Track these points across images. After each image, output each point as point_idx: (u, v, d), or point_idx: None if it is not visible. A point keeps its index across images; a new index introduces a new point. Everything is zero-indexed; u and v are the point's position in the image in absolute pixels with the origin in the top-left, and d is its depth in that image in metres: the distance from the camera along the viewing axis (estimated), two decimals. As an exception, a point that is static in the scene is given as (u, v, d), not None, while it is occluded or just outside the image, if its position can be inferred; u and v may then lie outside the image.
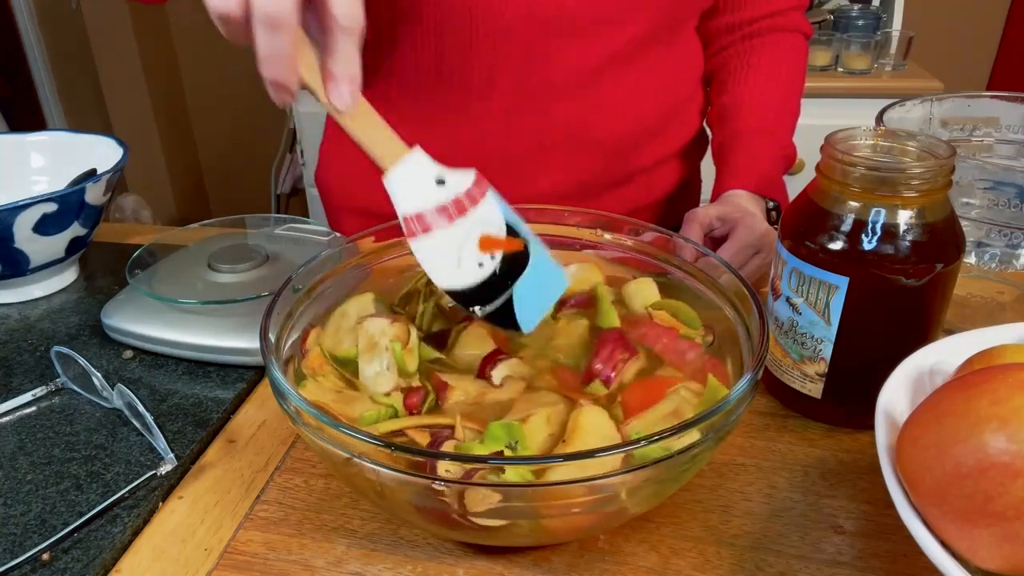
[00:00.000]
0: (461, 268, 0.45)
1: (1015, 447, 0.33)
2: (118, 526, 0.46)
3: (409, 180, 0.45)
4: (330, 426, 0.38)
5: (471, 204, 0.46)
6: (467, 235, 0.45)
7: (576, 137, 0.76)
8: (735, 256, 0.69)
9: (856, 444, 0.52)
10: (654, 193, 0.85)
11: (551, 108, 0.74)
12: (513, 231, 0.47)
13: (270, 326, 0.46)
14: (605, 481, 0.36)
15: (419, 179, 0.45)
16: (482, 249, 0.45)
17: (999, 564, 0.34)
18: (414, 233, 0.45)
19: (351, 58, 0.42)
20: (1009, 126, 0.65)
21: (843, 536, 0.45)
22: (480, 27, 0.70)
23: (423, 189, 0.45)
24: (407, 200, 0.45)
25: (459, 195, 0.45)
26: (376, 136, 0.44)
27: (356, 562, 0.44)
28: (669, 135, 0.83)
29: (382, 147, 0.45)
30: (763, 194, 0.78)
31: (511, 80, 0.73)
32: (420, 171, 0.45)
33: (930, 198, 0.46)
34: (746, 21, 0.83)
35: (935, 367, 0.45)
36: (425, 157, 0.46)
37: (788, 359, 0.52)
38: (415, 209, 0.45)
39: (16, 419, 0.56)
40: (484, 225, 0.46)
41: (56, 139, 0.81)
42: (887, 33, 1.83)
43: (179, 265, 0.68)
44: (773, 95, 0.83)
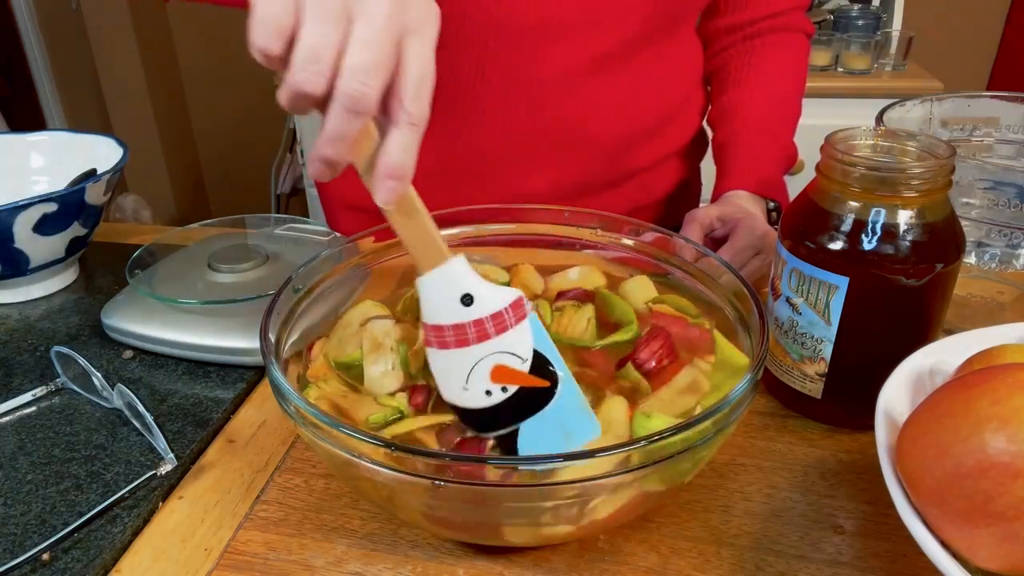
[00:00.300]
0: (468, 392, 0.43)
1: (1015, 447, 0.33)
2: (118, 526, 0.46)
3: (438, 290, 0.43)
4: (330, 426, 0.38)
5: (495, 331, 0.43)
6: (480, 361, 0.43)
7: (569, 137, 0.76)
8: (735, 257, 0.69)
9: (856, 444, 0.52)
10: (653, 193, 0.85)
11: (542, 108, 0.74)
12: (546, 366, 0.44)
13: (270, 326, 0.46)
14: (605, 481, 0.36)
15: (446, 290, 0.43)
16: (494, 379, 0.43)
17: (999, 564, 0.34)
18: (430, 343, 0.44)
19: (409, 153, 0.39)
20: (1009, 126, 0.65)
21: (843, 536, 0.45)
22: (471, 27, 0.70)
23: (447, 302, 0.43)
24: (430, 309, 0.44)
25: (483, 317, 0.43)
26: (418, 236, 0.42)
27: (356, 562, 0.44)
28: (667, 135, 0.83)
29: (422, 248, 0.43)
30: (764, 194, 0.78)
31: (502, 80, 0.73)
32: (449, 282, 0.43)
33: (930, 198, 0.46)
34: (747, 22, 0.83)
35: (935, 367, 0.45)
36: (463, 269, 0.43)
37: (788, 359, 0.52)
38: (434, 321, 0.43)
39: (16, 419, 0.56)
40: (504, 356, 0.43)
41: (56, 139, 0.81)
42: (887, 33, 1.83)
43: (179, 265, 0.68)
44: (774, 95, 0.83)
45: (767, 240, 0.69)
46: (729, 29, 0.84)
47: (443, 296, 0.43)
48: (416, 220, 0.42)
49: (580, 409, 0.44)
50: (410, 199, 0.42)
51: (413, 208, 0.42)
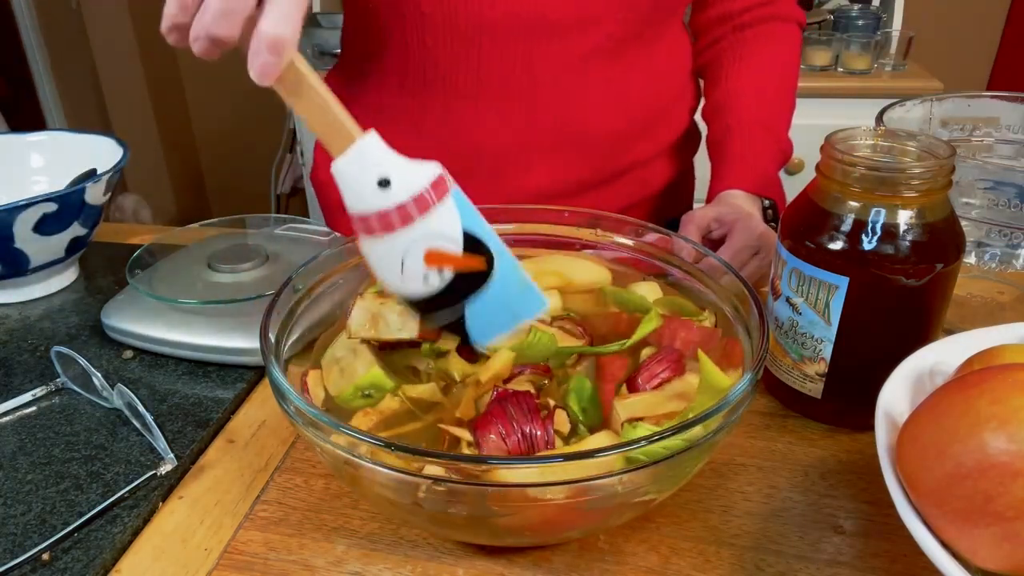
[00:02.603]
0: (405, 278, 0.42)
1: (1015, 447, 0.33)
2: (118, 526, 0.46)
3: (352, 175, 0.41)
4: (330, 426, 0.38)
5: (419, 212, 0.41)
6: (410, 246, 0.41)
7: (564, 134, 0.76)
8: (734, 257, 0.69)
9: (856, 444, 0.52)
10: (647, 189, 0.85)
11: (539, 106, 0.74)
12: (477, 243, 0.42)
13: (270, 326, 0.46)
14: (604, 481, 0.36)
15: (361, 176, 0.41)
16: (428, 263, 0.42)
17: (999, 564, 0.34)
18: (357, 233, 0.42)
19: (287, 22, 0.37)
20: (1009, 126, 0.65)
21: (843, 536, 0.45)
22: (465, 26, 0.70)
23: (365, 188, 0.41)
24: (350, 197, 0.41)
25: (405, 201, 0.41)
26: (320, 116, 0.40)
27: (356, 562, 0.44)
28: (660, 130, 0.83)
29: (327, 131, 0.40)
30: (759, 193, 0.78)
31: (496, 78, 0.73)
32: (363, 166, 0.41)
33: (930, 198, 0.46)
34: (737, 11, 0.83)
35: (935, 367, 0.45)
36: (376, 147, 0.41)
37: (788, 359, 0.52)
38: (358, 210, 0.41)
39: (16, 419, 0.56)
40: (433, 238, 0.42)
41: (56, 139, 0.81)
42: (887, 33, 1.83)
43: (179, 265, 0.68)
44: (768, 89, 0.83)
45: (765, 240, 0.69)
46: (719, 19, 0.84)
47: (360, 181, 0.41)
48: (312, 98, 0.39)
49: (522, 284, 0.43)
50: (299, 75, 0.39)
51: (305, 85, 0.39)
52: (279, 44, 0.37)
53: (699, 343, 0.49)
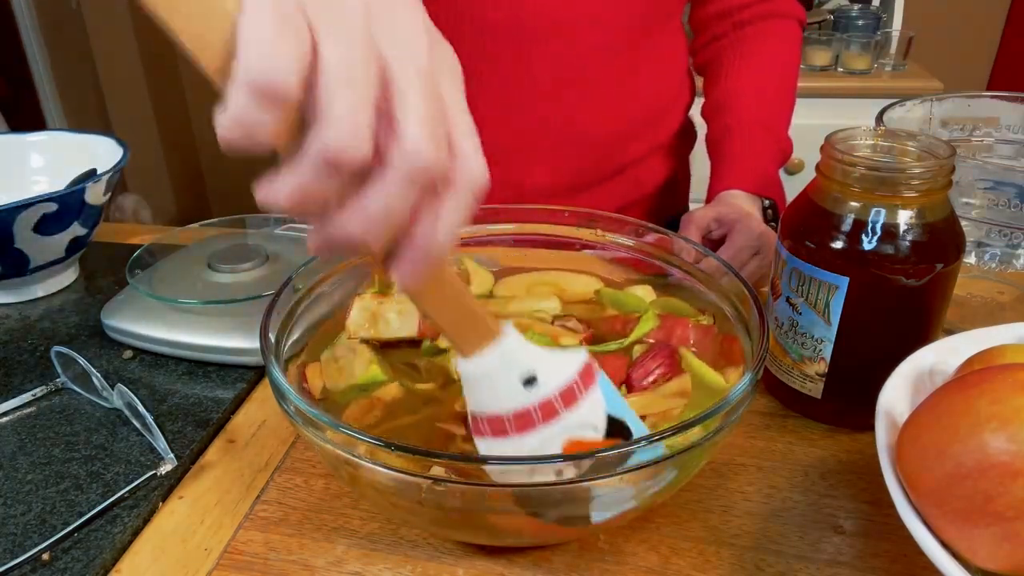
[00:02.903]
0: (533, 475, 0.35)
1: (1015, 447, 0.33)
2: (118, 526, 0.46)
3: (489, 374, 0.36)
4: (330, 426, 0.38)
5: (565, 407, 0.36)
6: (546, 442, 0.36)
7: (565, 134, 0.76)
8: (734, 257, 0.69)
9: (856, 444, 0.52)
10: (643, 188, 0.85)
11: (538, 105, 0.74)
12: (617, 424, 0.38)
13: (270, 326, 0.46)
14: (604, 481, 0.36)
15: (502, 375, 0.36)
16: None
17: (999, 564, 0.34)
18: (481, 434, 0.37)
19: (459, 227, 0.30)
20: (1009, 126, 0.65)
21: (843, 536, 0.45)
22: (466, 26, 0.70)
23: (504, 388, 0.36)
24: (482, 396, 0.36)
25: (551, 396, 0.36)
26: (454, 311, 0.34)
27: (356, 562, 0.44)
28: (657, 128, 0.83)
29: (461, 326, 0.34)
30: (759, 193, 0.78)
31: (499, 80, 0.73)
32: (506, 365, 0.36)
33: (930, 198, 0.46)
34: (737, 7, 0.83)
35: (935, 367, 0.45)
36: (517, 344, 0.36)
37: (788, 359, 0.52)
38: (488, 410, 0.36)
39: (16, 419, 0.56)
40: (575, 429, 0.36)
41: (56, 139, 0.81)
42: (887, 33, 1.83)
43: (179, 265, 0.68)
44: (768, 88, 0.83)
45: (765, 240, 0.69)
46: (719, 16, 0.84)
47: (499, 382, 0.36)
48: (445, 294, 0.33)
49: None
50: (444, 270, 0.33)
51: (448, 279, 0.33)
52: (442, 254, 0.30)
53: (694, 340, 0.50)
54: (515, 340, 0.36)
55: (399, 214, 0.28)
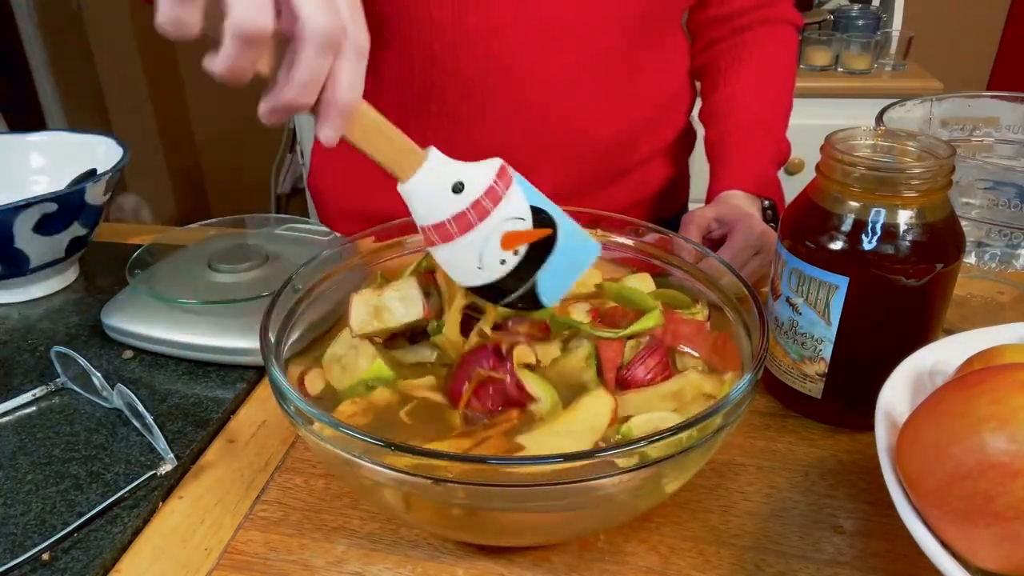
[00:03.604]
0: (483, 269, 0.44)
1: (1015, 447, 0.33)
2: (118, 526, 0.46)
3: (425, 190, 0.43)
4: (330, 426, 0.38)
5: (493, 204, 0.44)
6: (488, 237, 0.44)
7: (569, 137, 0.76)
8: (734, 257, 0.69)
9: (856, 444, 0.52)
10: (644, 190, 0.86)
11: (543, 110, 0.74)
12: (540, 213, 0.45)
13: (270, 326, 0.46)
14: (604, 481, 0.36)
15: (435, 187, 0.43)
16: (504, 247, 0.44)
17: (999, 564, 0.34)
18: (433, 243, 0.44)
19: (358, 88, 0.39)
20: (1009, 126, 0.65)
21: (843, 536, 0.45)
22: (474, 31, 0.70)
23: (440, 198, 0.43)
24: (424, 210, 0.44)
25: (479, 197, 0.44)
26: (386, 147, 0.42)
27: (356, 562, 0.44)
28: (658, 131, 0.83)
29: (394, 157, 0.42)
30: (759, 193, 0.78)
31: (504, 84, 0.73)
32: (436, 179, 0.43)
33: (930, 198, 0.46)
34: (735, 13, 0.83)
35: (935, 367, 0.45)
36: (441, 161, 0.44)
37: (788, 359, 0.52)
38: (433, 219, 0.44)
39: (16, 419, 0.56)
40: (507, 222, 0.44)
41: (56, 139, 0.81)
42: (887, 33, 1.83)
43: (179, 265, 0.68)
44: (765, 91, 0.83)
45: (765, 240, 0.69)
46: (717, 21, 0.84)
47: (434, 194, 0.43)
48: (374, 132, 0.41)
49: (578, 236, 0.46)
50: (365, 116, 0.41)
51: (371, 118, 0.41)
52: (352, 110, 0.39)
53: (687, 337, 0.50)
54: (439, 158, 0.44)
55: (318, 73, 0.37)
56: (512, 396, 0.45)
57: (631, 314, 0.52)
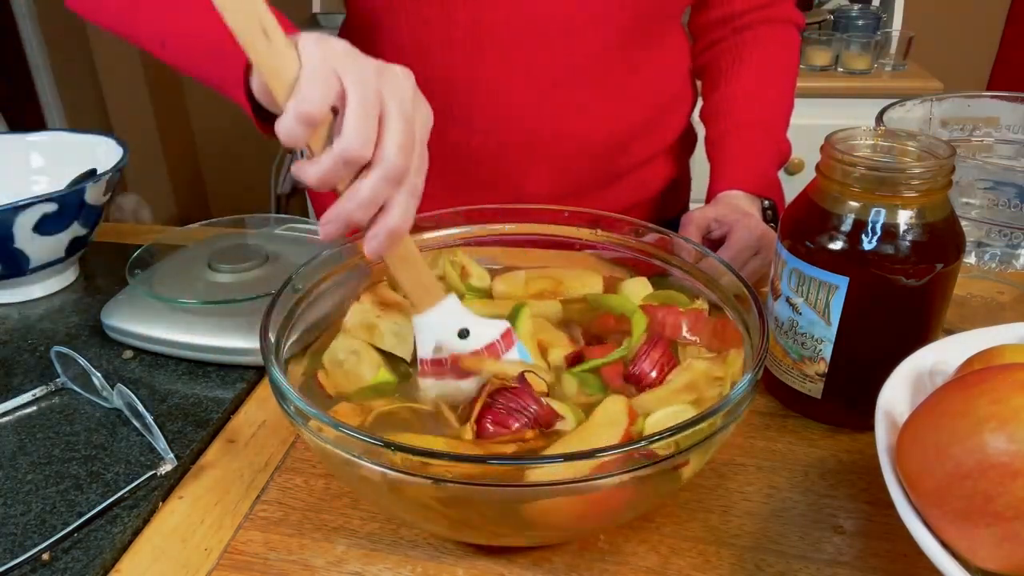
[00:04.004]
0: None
1: (1015, 447, 0.33)
2: (118, 526, 0.46)
3: (436, 326, 0.47)
4: (330, 426, 0.38)
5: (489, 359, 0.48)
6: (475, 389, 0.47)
7: (564, 138, 0.76)
8: (734, 258, 0.69)
9: (856, 444, 0.52)
10: (645, 191, 0.85)
11: (536, 109, 0.74)
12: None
13: (270, 326, 0.46)
14: (604, 481, 0.36)
15: (445, 328, 0.48)
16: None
17: (999, 564, 0.34)
18: (426, 375, 0.48)
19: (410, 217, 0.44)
20: (1009, 126, 0.65)
21: (843, 536, 0.45)
22: (464, 31, 0.70)
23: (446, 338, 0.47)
24: (427, 344, 0.48)
25: (479, 348, 0.48)
26: (415, 277, 0.47)
27: (356, 562, 0.44)
28: (658, 132, 0.83)
29: (418, 289, 0.47)
30: (759, 194, 0.78)
31: (499, 84, 0.72)
32: (448, 320, 0.48)
33: (930, 198, 0.46)
34: (737, 14, 0.83)
35: (935, 367, 0.45)
36: (457, 306, 0.48)
37: (788, 359, 0.52)
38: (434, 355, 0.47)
39: (16, 419, 0.56)
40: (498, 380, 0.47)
41: (56, 139, 0.81)
42: (887, 33, 1.83)
43: (179, 265, 0.68)
44: (767, 91, 0.83)
45: (765, 240, 0.69)
46: (719, 22, 0.84)
47: (441, 332, 0.47)
48: (413, 263, 0.46)
49: None
50: (407, 246, 0.46)
51: (409, 253, 0.46)
52: (399, 236, 0.45)
53: (688, 327, 0.50)
54: (455, 304, 0.48)
55: (380, 198, 0.43)
56: (540, 416, 0.44)
57: (611, 320, 0.53)
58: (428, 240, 0.59)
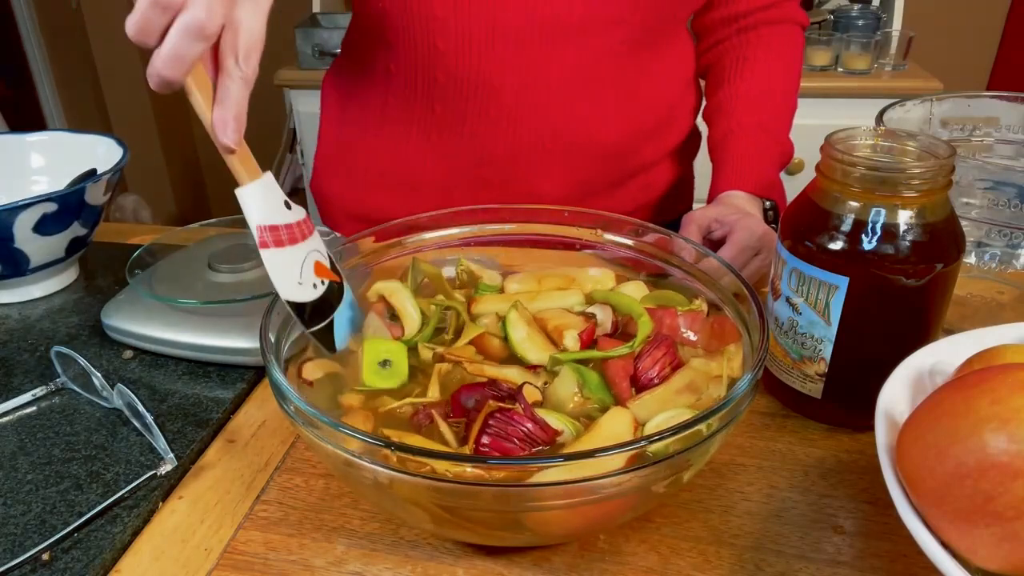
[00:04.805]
0: (302, 285, 0.49)
1: (1015, 447, 0.33)
2: (118, 526, 0.46)
3: (262, 196, 0.49)
4: (330, 426, 0.38)
5: (309, 232, 0.50)
6: (306, 257, 0.49)
7: (576, 139, 0.76)
8: (734, 258, 0.69)
9: (856, 444, 0.52)
10: (650, 193, 0.86)
11: (550, 111, 0.74)
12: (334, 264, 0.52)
13: (270, 326, 0.46)
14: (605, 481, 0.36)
15: (271, 197, 0.49)
16: (316, 273, 0.50)
17: (999, 564, 0.34)
18: (266, 244, 0.48)
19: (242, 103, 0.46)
20: (1009, 126, 0.65)
21: (843, 536, 0.45)
22: (477, 31, 0.70)
23: (274, 207, 0.49)
24: (261, 213, 0.48)
25: (300, 220, 0.50)
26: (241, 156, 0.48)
27: (356, 562, 0.44)
28: (665, 134, 0.83)
29: (245, 165, 0.48)
30: (760, 194, 0.78)
31: (511, 86, 0.73)
32: (272, 191, 0.49)
33: (930, 198, 0.46)
34: (741, 14, 0.83)
35: (935, 367, 0.45)
36: (274, 181, 0.50)
37: (788, 359, 0.52)
38: (268, 221, 0.48)
39: (16, 419, 0.56)
40: (318, 253, 0.50)
41: (56, 139, 0.81)
42: (887, 33, 1.83)
43: (179, 265, 0.68)
44: (769, 91, 0.83)
45: (766, 240, 0.69)
46: (724, 21, 0.84)
47: (270, 202, 0.49)
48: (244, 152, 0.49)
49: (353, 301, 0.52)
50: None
51: None
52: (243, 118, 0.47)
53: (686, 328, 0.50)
54: (272, 179, 0.50)
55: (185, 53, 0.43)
56: (536, 435, 0.42)
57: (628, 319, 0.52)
58: (428, 240, 0.59)
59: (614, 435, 0.42)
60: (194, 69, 0.44)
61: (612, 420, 0.43)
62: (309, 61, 1.88)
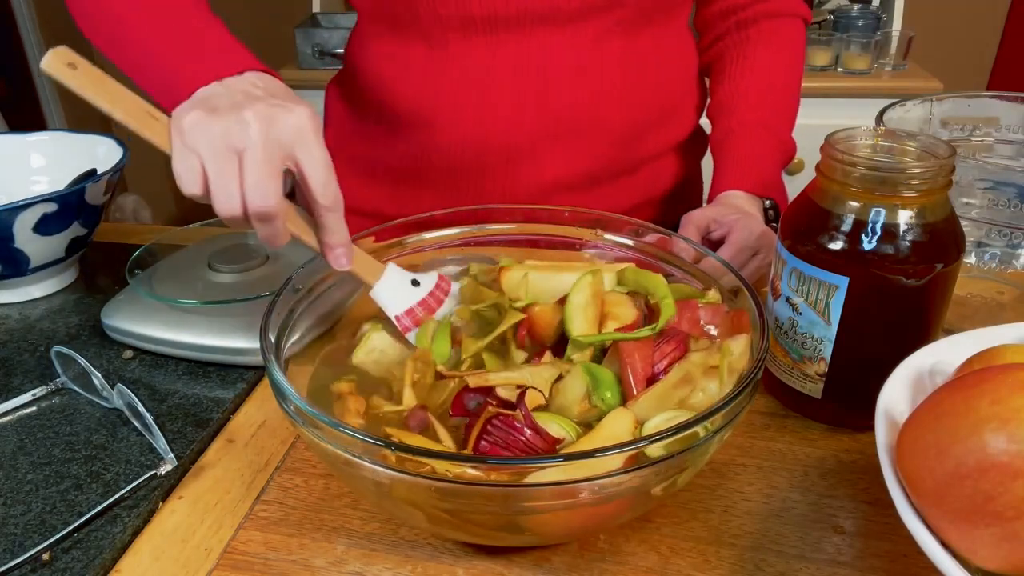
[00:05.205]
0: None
1: (1015, 447, 0.33)
2: (118, 526, 0.46)
3: (394, 287, 0.53)
4: (330, 426, 0.38)
5: (445, 295, 0.54)
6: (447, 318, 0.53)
7: (577, 125, 0.76)
8: (734, 257, 0.69)
9: (856, 444, 0.52)
10: (656, 187, 0.85)
11: (550, 96, 0.74)
12: None
13: (270, 326, 0.46)
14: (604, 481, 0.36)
15: (401, 285, 0.53)
16: None
17: (999, 564, 0.34)
18: (408, 328, 0.53)
19: (340, 229, 0.50)
20: (1009, 126, 0.65)
21: (843, 536, 0.45)
22: (479, 21, 0.70)
23: (403, 292, 0.53)
24: (393, 304, 0.53)
25: (432, 289, 0.54)
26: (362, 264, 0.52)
27: (356, 562, 0.44)
28: (668, 126, 0.83)
29: (367, 269, 0.53)
30: (760, 194, 0.78)
31: (511, 70, 0.73)
32: (400, 278, 0.54)
33: (930, 198, 0.46)
34: (740, 6, 0.83)
35: (935, 367, 0.45)
36: (397, 268, 0.54)
37: (788, 359, 0.52)
38: (402, 308, 0.53)
39: (16, 419, 0.56)
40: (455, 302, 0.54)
41: (56, 139, 0.81)
42: (887, 33, 1.83)
43: (179, 265, 0.68)
44: (770, 89, 0.83)
45: (765, 240, 0.69)
46: (722, 15, 0.84)
47: (399, 290, 0.53)
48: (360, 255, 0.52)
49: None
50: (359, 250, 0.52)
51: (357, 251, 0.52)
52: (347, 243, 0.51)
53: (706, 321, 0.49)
54: (395, 267, 0.54)
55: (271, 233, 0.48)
56: (535, 444, 0.41)
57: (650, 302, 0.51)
58: (428, 240, 0.59)
59: (614, 436, 0.42)
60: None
61: (612, 420, 0.43)
62: (309, 61, 1.88)
